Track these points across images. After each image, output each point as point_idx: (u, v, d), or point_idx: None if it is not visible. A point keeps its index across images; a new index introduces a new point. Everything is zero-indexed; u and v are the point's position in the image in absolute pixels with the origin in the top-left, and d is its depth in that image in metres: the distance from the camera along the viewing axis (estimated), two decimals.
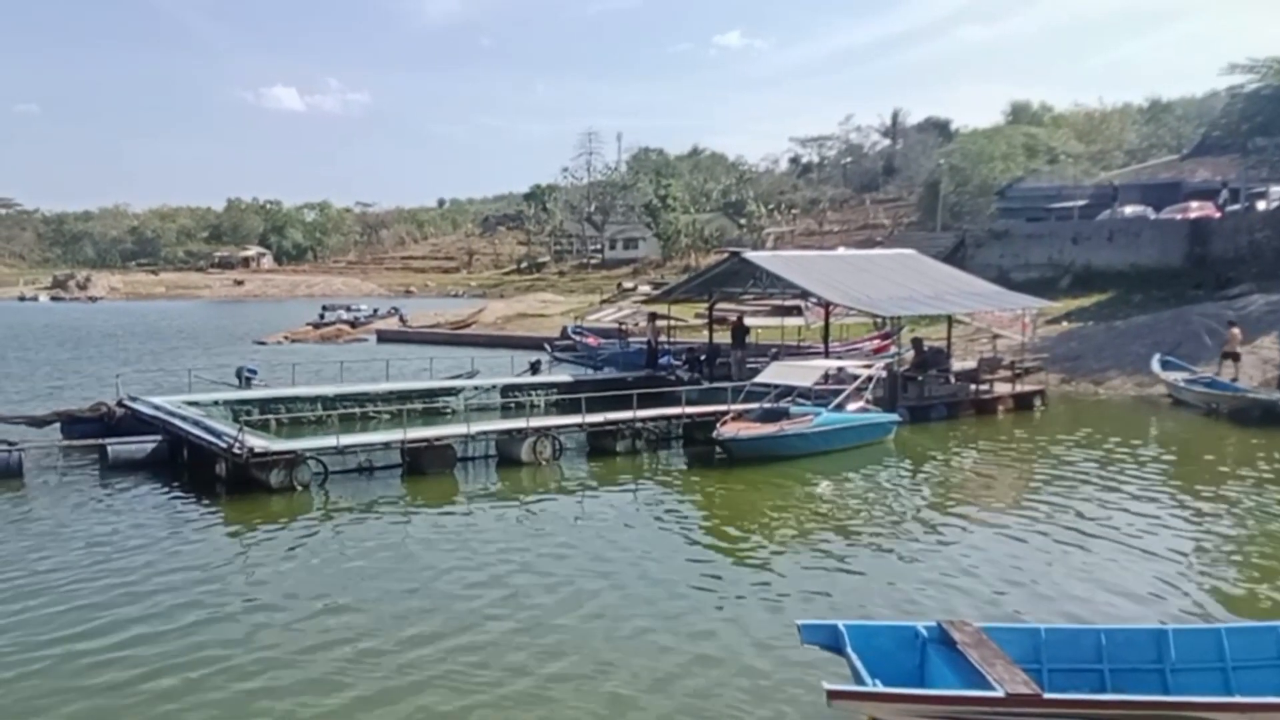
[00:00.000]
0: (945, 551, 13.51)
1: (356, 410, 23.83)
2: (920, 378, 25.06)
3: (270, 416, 22.44)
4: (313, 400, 24.01)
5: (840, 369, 22.33)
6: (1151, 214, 45.23)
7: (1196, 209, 44.07)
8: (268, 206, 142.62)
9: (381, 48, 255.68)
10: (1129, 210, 46.39)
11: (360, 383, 26.99)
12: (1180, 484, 17.42)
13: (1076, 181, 56.74)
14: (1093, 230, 44.01)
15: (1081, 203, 49.23)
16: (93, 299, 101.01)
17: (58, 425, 21.28)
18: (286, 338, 52.51)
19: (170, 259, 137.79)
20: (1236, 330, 27.13)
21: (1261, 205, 42.20)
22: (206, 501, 16.51)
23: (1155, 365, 27.44)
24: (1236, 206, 42.79)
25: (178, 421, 19.68)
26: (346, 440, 18.24)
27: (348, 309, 65.97)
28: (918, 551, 13.55)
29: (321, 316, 61.46)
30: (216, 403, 22.78)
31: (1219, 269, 36.43)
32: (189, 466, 18.77)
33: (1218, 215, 42.48)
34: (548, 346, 37.44)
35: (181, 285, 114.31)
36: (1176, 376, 26.61)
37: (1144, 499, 16.25)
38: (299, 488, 16.93)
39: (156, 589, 11.86)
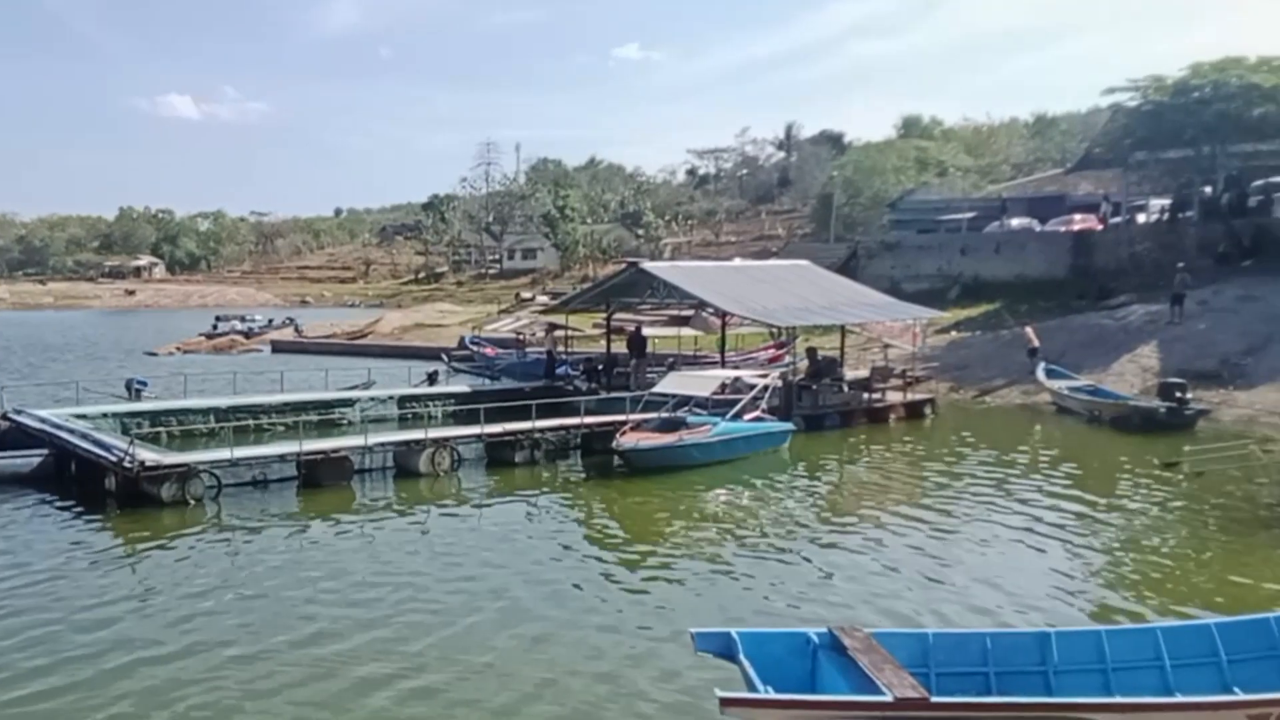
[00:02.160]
0: (838, 558, 13.70)
1: (250, 422, 23.42)
2: (815, 387, 25.47)
3: (161, 429, 21.94)
4: (205, 412, 23.52)
5: (737, 379, 22.52)
6: (1037, 226, 47.01)
7: (1080, 222, 45.95)
8: (160, 216, 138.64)
9: (280, 57, 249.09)
10: (1015, 223, 48.14)
11: (254, 394, 26.49)
12: (1065, 489, 18.06)
13: (965, 194, 58.72)
14: (981, 242, 45.52)
15: (970, 215, 50.93)
16: None
17: None
18: (179, 349, 50.85)
19: (59, 268, 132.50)
20: (1029, 330, 30.35)
21: (1141, 218, 44.36)
22: (95, 517, 15.99)
23: (1040, 374, 28.43)
24: (1118, 219, 44.90)
25: (65, 435, 19.08)
26: (240, 452, 17.87)
27: (242, 319, 64.24)
28: (812, 558, 13.71)
29: (215, 327, 59.61)
30: (105, 415, 22.22)
31: (1101, 280, 38.04)
32: (77, 481, 18.13)
33: (1100, 228, 44.45)
34: (445, 357, 36.89)
35: (71, 295, 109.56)
36: (1061, 384, 27.62)
37: (1030, 504, 16.79)
38: (191, 502, 16.50)
39: (40, 609, 11.36)
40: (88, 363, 42.33)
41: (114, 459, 16.77)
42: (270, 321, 64.90)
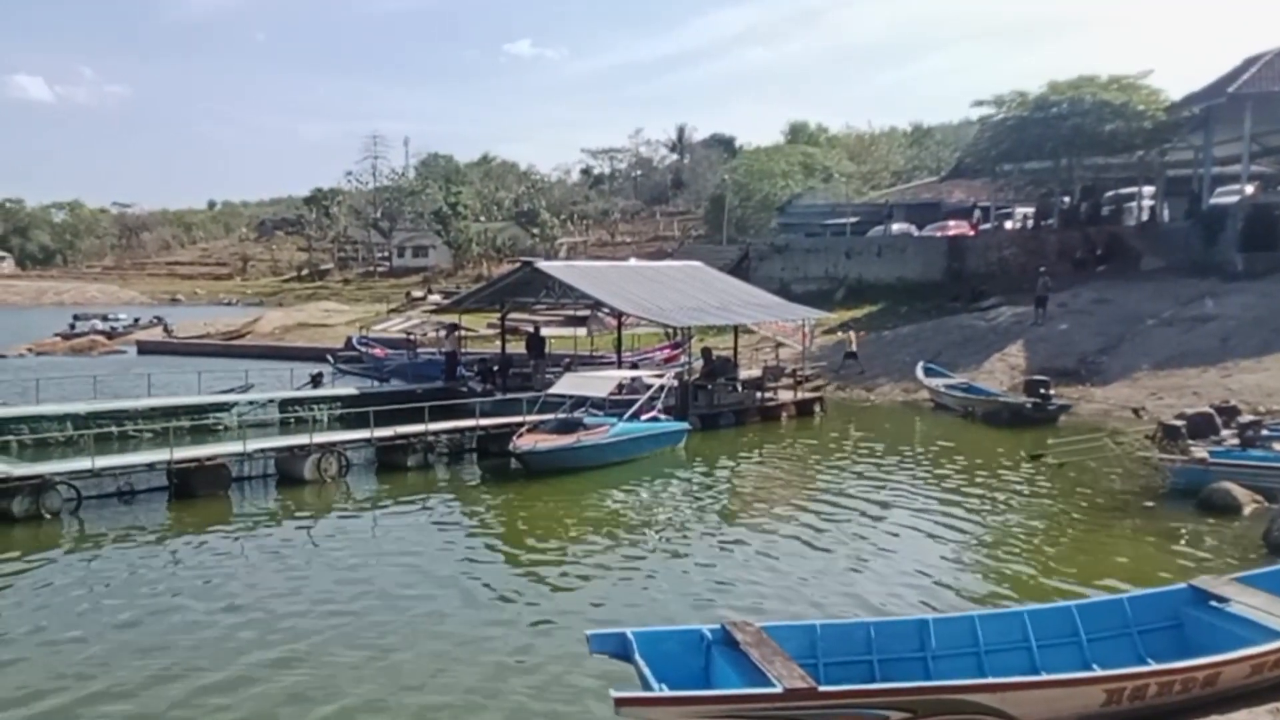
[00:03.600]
0: (733, 554, 13.96)
1: (114, 429, 21.99)
2: (710, 386, 25.88)
3: (10, 438, 20.74)
4: (61, 419, 22.07)
5: (634, 379, 22.68)
6: (915, 231, 48.84)
7: (954, 227, 47.98)
8: (8, 205, 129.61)
9: (143, 37, 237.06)
10: (895, 227, 49.92)
11: (118, 399, 25.12)
12: (943, 481, 18.82)
13: (849, 199, 60.47)
14: (864, 246, 47.00)
15: (854, 220, 52.55)
16: None
17: None
18: (30, 350, 48.06)
19: None
20: (852, 334, 32.92)
21: (1009, 225, 46.58)
22: None
23: (919, 372, 29.56)
24: (988, 225, 47.02)
25: None
26: (103, 462, 16.81)
27: (104, 318, 61.33)
28: (706, 556, 13.93)
29: (72, 326, 56.75)
30: None
31: (973, 283, 39.79)
32: None
33: (972, 233, 46.44)
34: (331, 358, 36.01)
35: None
36: (938, 382, 28.78)
37: (912, 496, 17.47)
38: (47, 516, 15.49)
39: None
40: None
41: None
42: (136, 321, 62.29)
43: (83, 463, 16.67)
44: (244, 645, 10.35)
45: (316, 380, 29.18)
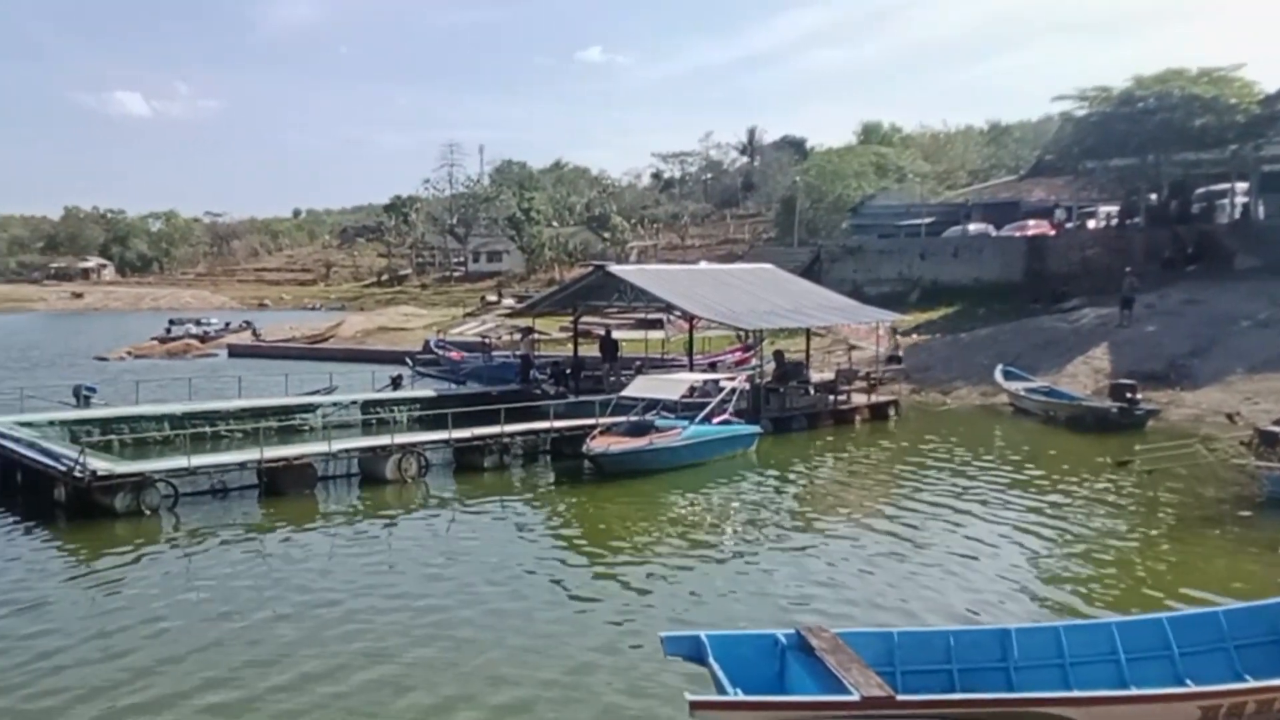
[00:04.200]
0: (806, 559, 13.91)
1: (207, 429, 22.79)
2: (781, 389, 25.75)
3: (113, 437, 21.46)
4: (159, 419, 22.86)
5: (705, 382, 22.69)
6: (993, 231, 47.86)
7: (1034, 227, 46.90)
8: (109, 215, 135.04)
9: (235, 53, 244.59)
10: (972, 228, 48.98)
11: (211, 400, 25.94)
12: (1024, 488, 18.42)
13: (924, 200, 59.52)
14: (939, 247, 46.22)
15: (929, 220, 51.71)
16: None
17: None
18: (130, 353, 49.79)
19: (1, 271, 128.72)
20: (898, 337, 32.26)
21: (1092, 224, 45.34)
22: (43, 529, 15.54)
23: (998, 375, 28.97)
24: (1071, 224, 45.87)
25: (9, 444, 18.52)
26: (198, 460, 17.45)
27: (197, 323, 63.19)
28: (780, 560, 13.90)
29: (168, 331, 58.59)
30: (52, 423, 21.61)
31: (1054, 284, 38.86)
32: (23, 492, 17.66)
33: (1053, 233, 45.34)
34: (409, 361, 36.66)
35: (14, 298, 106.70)
36: (1017, 386, 28.16)
37: (991, 503, 17.15)
38: (147, 512, 16.09)
39: None
40: (32, 368, 41.39)
41: (63, 468, 16.26)
42: (227, 325, 64.00)
43: (179, 461, 17.32)
44: (338, 637, 10.72)
45: (396, 382, 29.82)
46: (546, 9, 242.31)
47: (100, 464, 16.47)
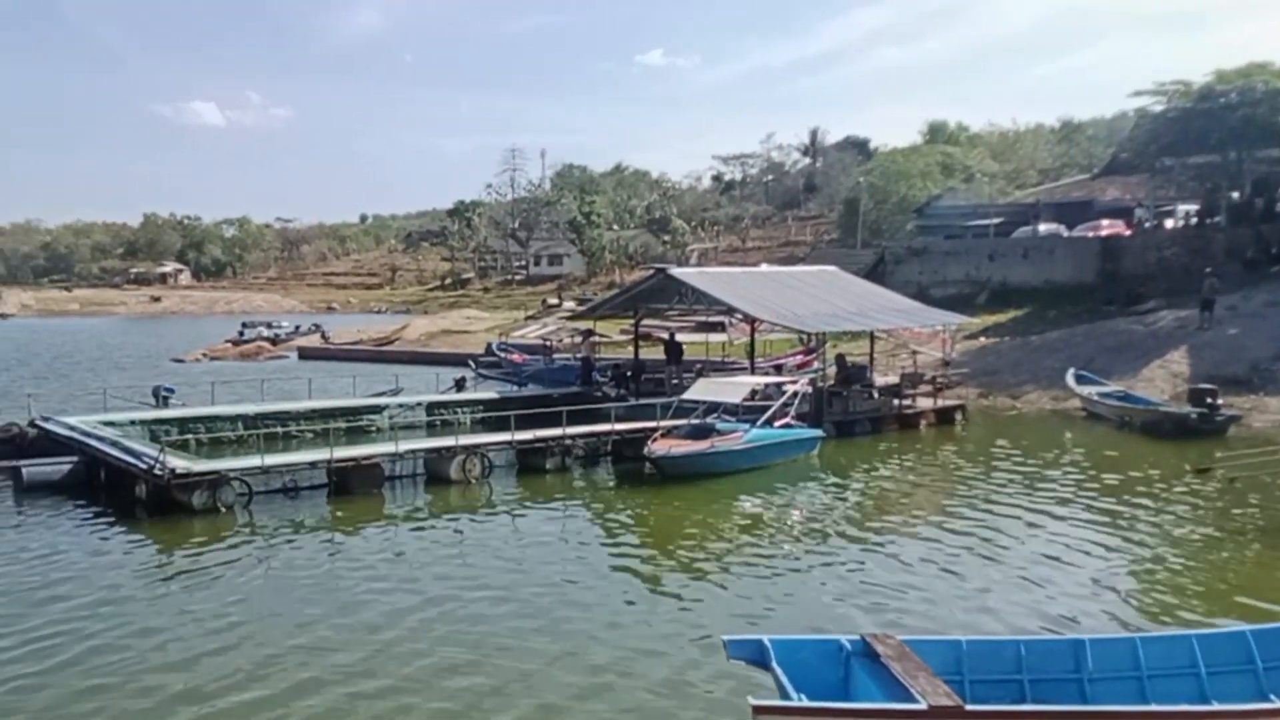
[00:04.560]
0: (870, 565, 13.72)
1: (279, 429, 23.23)
2: (845, 393, 25.45)
3: (189, 436, 22.02)
4: (233, 419, 23.44)
5: (767, 385, 22.53)
6: (1065, 232, 46.76)
7: (1108, 227, 45.68)
8: (185, 222, 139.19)
9: (303, 63, 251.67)
10: (1043, 228, 47.92)
11: (282, 401, 26.47)
12: (1097, 496, 17.96)
13: (992, 200, 58.43)
14: (1008, 247, 45.29)
15: (997, 221, 50.70)
16: (3, 316, 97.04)
17: None
18: (205, 355, 51.20)
19: (84, 275, 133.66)
20: (947, 338, 30.47)
21: (1169, 223, 44.03)
22: (126, 525, 16.02)
23: (1070, 379, 28.26)
24: (1147, 224, 44.60)
25: (93, 442, 19.11)
26: (271, 460, 17.82)
27: (268, 326, 64.64)
28: (843, 566, 13.73)
29: (241, 333, 60.03)
30: (133, 422, 22.24)
31: (1130, 285, 37.82)
32: (106, 488, 18.22)
33: (1128, 233, 44.14)
34: (472, 363, 37.05)
35: (96, 302, 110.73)
36: (1090, 390, 27.45)
37: (1063, 510, 16.73)
38: (222, 509, 16.52)
39: (77, 617, 11.42)
40: (114, 369, 42.73)
41: (144, 466, 16.77)
42: (297, 328, 65.40)
43: (253, 460, 17.69)
44: (415, 635, 10.89)
45: (460, 385, 30.18)
46: (608, 13, 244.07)
47: (179, 462, 16.96)
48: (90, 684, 9.56)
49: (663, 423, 20.92)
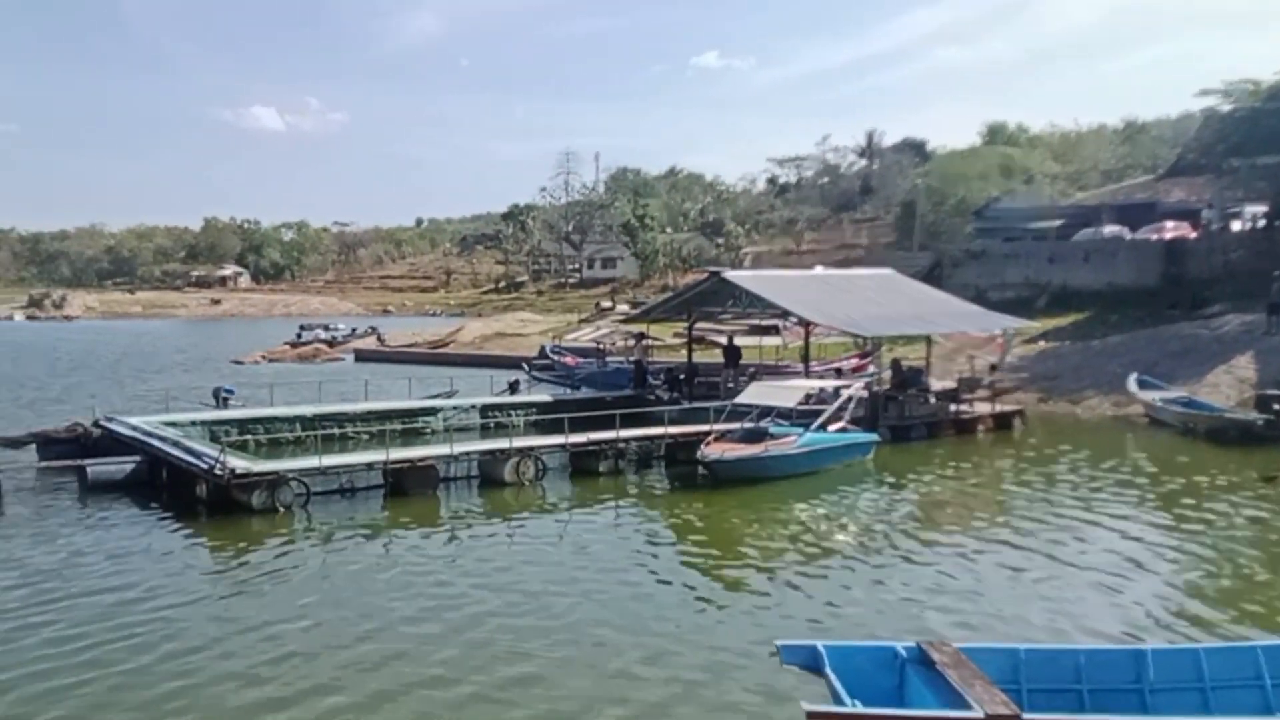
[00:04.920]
0: (925, 571, 13.57)
1: (336, 430, 23.60)
2: (900, 397, 25.19)
3: (249, 437, 22.38)
4: (291, 420, 23.78)
5: (822, 389, 22.39)
6: (1127, 234, 45.78)
7: (1172, 229, 44.64)
8: (245, 226, 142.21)
9: (360, 68, 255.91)
10: (1105, 230, 46.97)
11: (339, 402, 26.85)
12: (1159, 504, 17.57)
13: (1053, 202, 57.36)
14: (1069, 250, 44.47)
15: (1058, 223, 49.80)
16: (68, 318, 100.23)
17: (34, 446, 21.02)
18: (264, 357, 52.19)
19: (147, 278, 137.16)
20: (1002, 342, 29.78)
21: (1236, 226, 42.87)
22: (187, 524, 16.32)
23: (1132, 385, 27.69)
24: (1214, 226, 43.49)
25: (156, 442, 19.47)
26: (329, 461, 18.10)
27: (325, 328, 65.78)
28: (898, 572, 13.60)
29: (299, 336, 61.13)
30: (194, 423, 22.63)
31: (1195, 289, 36.93)
32: (168, 487, 18.56)
33: (1194, 235, 43.07)
34: (526, 366, 37.36)
35: (158, 304, 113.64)
36: (1154, 396, 26.85)
37: (1124, 519, 16.39)
38: (281, 509, 16.75)
39: (151, 617, 11.67)
40: (175, 371, 43.73)
41: (205, 466, 17.08)
42: (353, 330, 66.42)
43: (311, 461, 18.02)
44: (468, 634, 11.03)
45: (513, 387, 30.44)
46: (663, 16, 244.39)
47: (239, 463, 17.23)
48: (174, 683, 9.72)
49: (716, 426, 20.90)
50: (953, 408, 26.01)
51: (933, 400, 26.01)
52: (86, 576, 13.24)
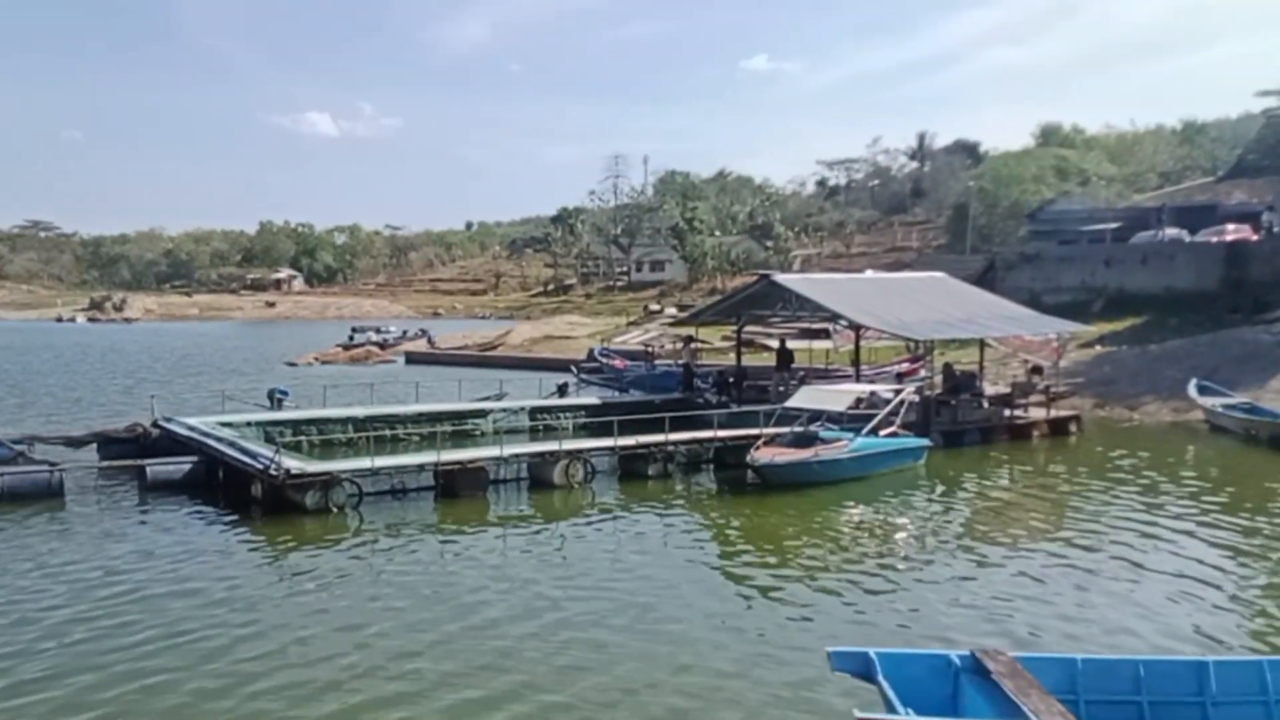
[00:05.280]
0: (979, 579, 13.38)
1: (387, 432, 23.84)
2: (953, 402, 24.88)
3: (302, 438, 22.65)
4: (343, 421, 24.09)
5: (873, 393, 22.18)
6: (1187, 237, 44.79)
7: (1233, 232, 43.57)
8: (299, 229, 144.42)
9: (414, 74, 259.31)
10: (1164, 233, 46.00)
11: (390, 404, 27.13)
12: (1221, 512, 17.11)
13: (1109, 204, 56.30)
14: (1126, 253, 43.61)
15: (1115, 225, 48.88)
16: (128, 320, 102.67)
17: (94, 445, 21.53)
18: (317, 359, 53.00)
19: (204, 281, 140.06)
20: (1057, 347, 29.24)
21: None
22: (243, 523, 16.60)
23: (1192, 390, 27.08)
24: (1276, 228, 42.36)
25: (212, 442, 19.83)
26: (380, 462, 18.28)
27: (377, 330, 66.49)
28: (951, 579, 13.43)
29: (351, 338, 61.91)
30: (249, 423, 22.96)
31: (1257, 292, 36.00)
32: (224, 487, 18.87)
33: (1255, 238, 41.99)
34: (574, 369, 37.49)
35: (215, 307, 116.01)
36: (1214, 402, 26.23)
37: (1184, 528, 15.99)
38: (334, 510, 16.95)
39: (216, 616, 11.86)
40: (231, 372, 44.49)
41: (260, 466, 17.29)
42: (404, 333, 67.16)
43: (363, 462, 18.21)
44: (523, 636, 11.05)
45: (562, 390, 30.55)
46: (713, 19, 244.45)
47: (293, 463, 17.46)
48: (262, 684, 9.84)
49: (766, 430, 20.80)
50: (1007, 413, 25.62)
51: (986, 405, 25.64)
52: (151, 573, 13.48)
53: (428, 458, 18.80)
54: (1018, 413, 25.77)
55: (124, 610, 11.93)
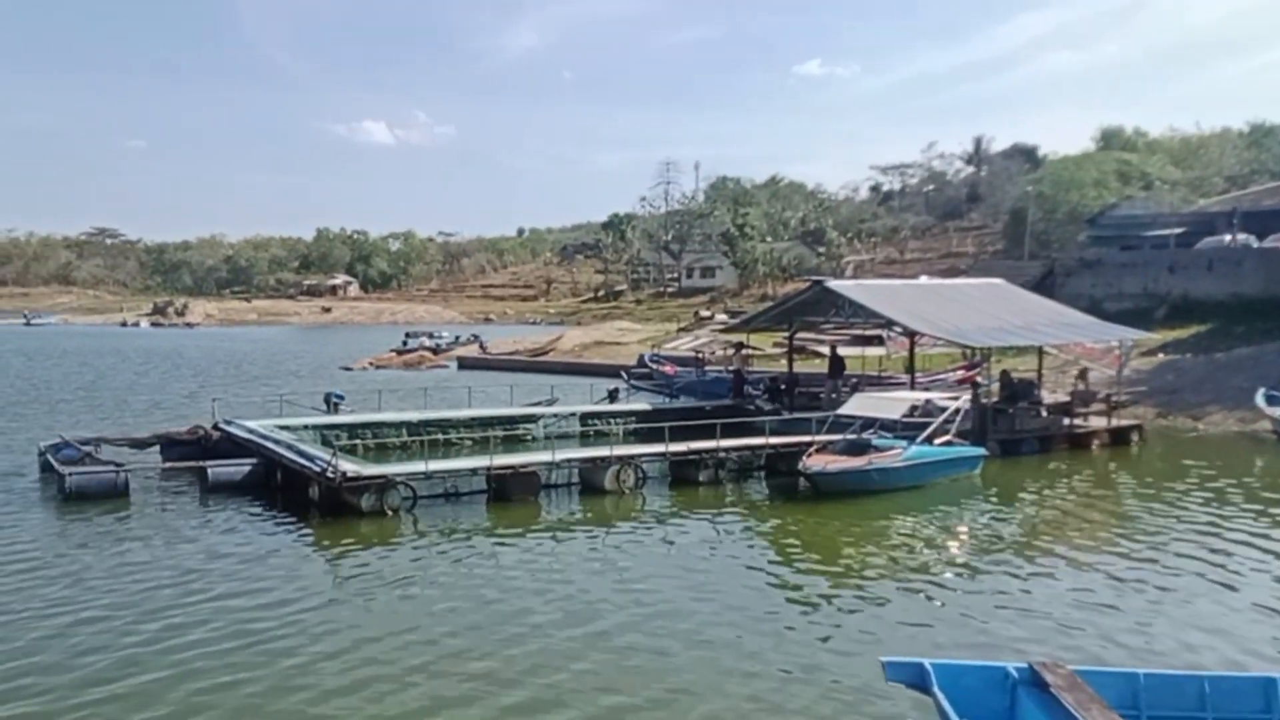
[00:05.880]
0: (1037, 591, 13.13)
1: (440, 436, 24.14)
2: (1010, 410, 24.44)
3: (357, 441, 23.02)
4: (398, 425, 24.42)
5: (928, 401, 21.89)
6: (1255, 242, 43.58)
7: None
8: (355, 236, 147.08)
9: (468, 82, 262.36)
10: (1232, 238, 44.82)
11: (443, 409, 27.40)
12: None
13: (1173, 209, 54.98)
14: (1191, 259, 42.56)
15: (1179, 230, 47.71)
16: (190, 325, 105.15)
17: (157, 447, 22.06)
18: (372, 363, 53.78)
19: (262, 287, 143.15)
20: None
21: None
22: (302, 524, 16.87)
23: (1260, 399, 26.34)
24: None
25: (271, 445, 20.21)
26: (435, 466, 18.49)
27: (430, 336, 67.31)
28: (1008, 590, 13.18)
29: (405, 343, 62.75)
30: (306, 427, 23.39)
31: None
32: (282, 489, 19.22)
33: None
34: (625, 374, 37.52)
35: (273, 312, 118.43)
36: None
37: (1250, 543, 15.52)
38: (389, 512, 17.17)
39: (259, 613, 12.10)
40: (289, 376, 45.27)
41: (317, 469, 17.60)
42: (457, 338, 67.92)
43: (417, 465, 18.42)
44: (580, 639, 11.14)
45: (613, 396, 30.60)
46: (765, 25, 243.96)
47: (349, 466, 17.69)
48: (309, 678, 10.06)
49: (818, 437, 20.61)
50: (1066, 421, 25.11)
51: (1044, 413, 25.15)
52: (225, 578, 13.64)
53: (481, 462, 18.97)
54: (1077, 421, 25.25)
55: (197, 609, 12.19)
